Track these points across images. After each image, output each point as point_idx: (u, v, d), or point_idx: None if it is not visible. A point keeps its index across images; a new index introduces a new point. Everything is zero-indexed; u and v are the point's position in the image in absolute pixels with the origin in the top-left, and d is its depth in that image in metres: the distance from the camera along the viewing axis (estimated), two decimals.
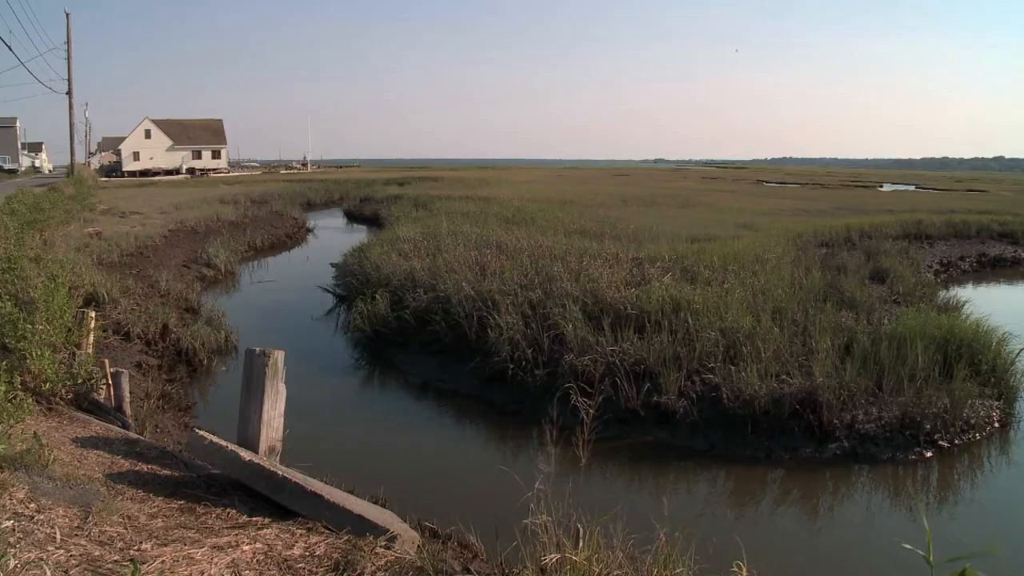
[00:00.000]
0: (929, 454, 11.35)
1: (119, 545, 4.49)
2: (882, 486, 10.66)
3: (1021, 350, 14.03)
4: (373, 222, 40.20)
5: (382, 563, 4.71)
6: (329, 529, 5.23)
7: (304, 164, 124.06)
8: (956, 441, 11.73)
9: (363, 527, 5.22)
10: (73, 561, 4.13)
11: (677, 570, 5.27)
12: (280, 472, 5.68)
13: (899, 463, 11.14)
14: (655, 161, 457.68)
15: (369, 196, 53.33)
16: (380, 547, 4.96)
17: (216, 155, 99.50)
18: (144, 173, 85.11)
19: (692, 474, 10.90)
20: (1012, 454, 11.88)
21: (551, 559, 4.95)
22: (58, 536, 4.40)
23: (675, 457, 11.26)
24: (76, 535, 4.51)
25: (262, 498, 5.66)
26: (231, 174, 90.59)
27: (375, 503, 7.21)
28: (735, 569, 4.74)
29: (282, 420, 6.56)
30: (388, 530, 5.20)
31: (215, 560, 4.46)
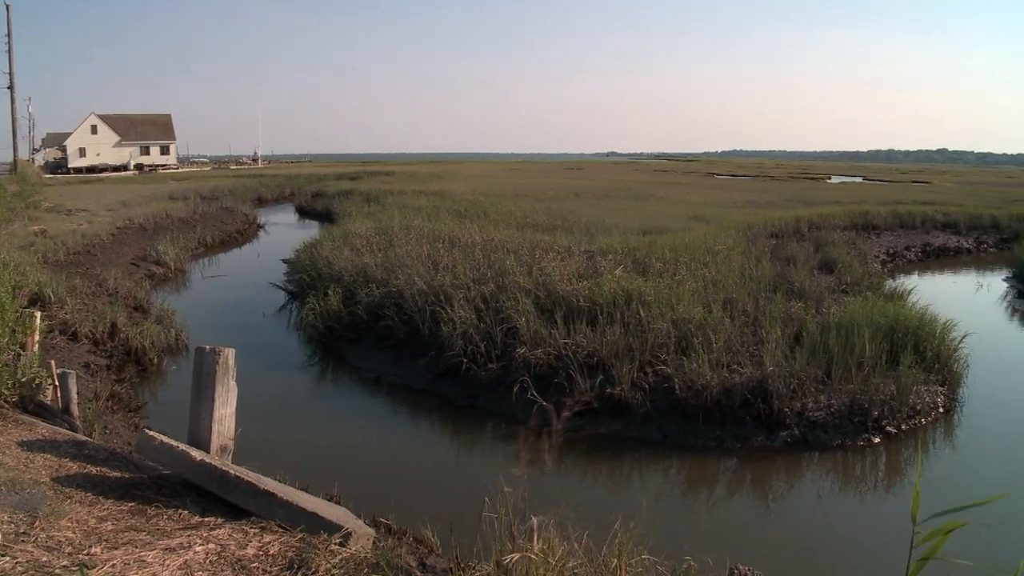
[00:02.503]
0: (877, 440, 11.57)
1: (67, 550, 4.42)
2: (832, 472, 10.84)
3: (964, 337, 14.33)
4: (325, 217, 39.87)
5: (337, 560, 4.69)
6: (283, 528, 5.19)
7: (255, 159, 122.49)
8: (903, 427, 11.98)
9: (317, 525, 5.18)
10: (19, 568, 4.05)
11: (632, 560, 5.30)
12: (232, 471, 5.62)
13: (848, 449, 11.35)
14: (608, 154, 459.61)
15: (321, 191, 52.86)
16: (335, 544, 4.93)
17: (165, 151, 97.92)
18: (91, 170, 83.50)
19: (646, 465, 10.99)
20: (956, 438, 12.15)
21: (506, 554, 4.96)
22: (2, 542, 4.33)
23: (629, 448, 11.34)
24: (22, 541, 4.43)
25: (215, 498, 5.60)
26: (180, 170, 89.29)
27: (329, 500, 7.17)
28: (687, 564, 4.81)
29: (234, 419, 6.49)
30: (342, 527, 5.17)
31: (167, 562, 4.41)
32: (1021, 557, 3.45)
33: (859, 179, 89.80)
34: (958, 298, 23.87)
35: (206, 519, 5.27)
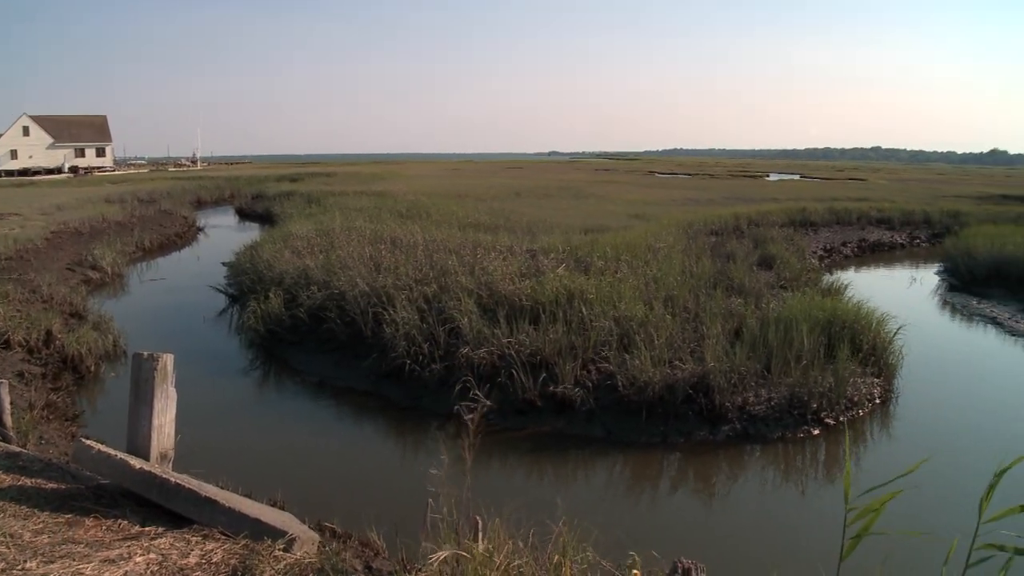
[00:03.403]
0: (816, 431, 11.79)
1: (0, 566, 4.33)
2: (773, 464, 11.01)
3: (898, 329, 14.66)
4: (266, 219, 39.42)
5: (281, 567, 4.65)
6: (226, 535, 5.13)
7: (194, 161, 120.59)
8: (841, 418, 12.20)
9: (261, 531, 5.13)
10: None
11: (577, 557, 5.33)
12: (173, 479, 5.54)
13: (788, 441, 11.54)
14: (549, 154, 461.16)
15: (261, 193, 52.24)
16: (279, 550, 4.89)
17: (100, 153, 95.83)
18: (23, 172, 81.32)
19: (591, 462, 11.04)
20: (892, 427, 12.43)
21: (451, 554, 4.96)
22: None
23: (573, 446, 11.39)
24: None
25: (155, 507, 5.51)
26: (117, 172, 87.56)
27: (273, 506, 7.11)
28: (634, 558, 4.84)
29: (173, 425, 6.40)
30: (287, 533, 5.13)
31: (106, 574, 4.34)
32: (946, 540, 3.56)
33: (797, 177, 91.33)
34: (893, 292, 24.42)
35: (146, 528, 5.19)
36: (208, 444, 10.06)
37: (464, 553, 4.76)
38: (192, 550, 4.86)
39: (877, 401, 13.09)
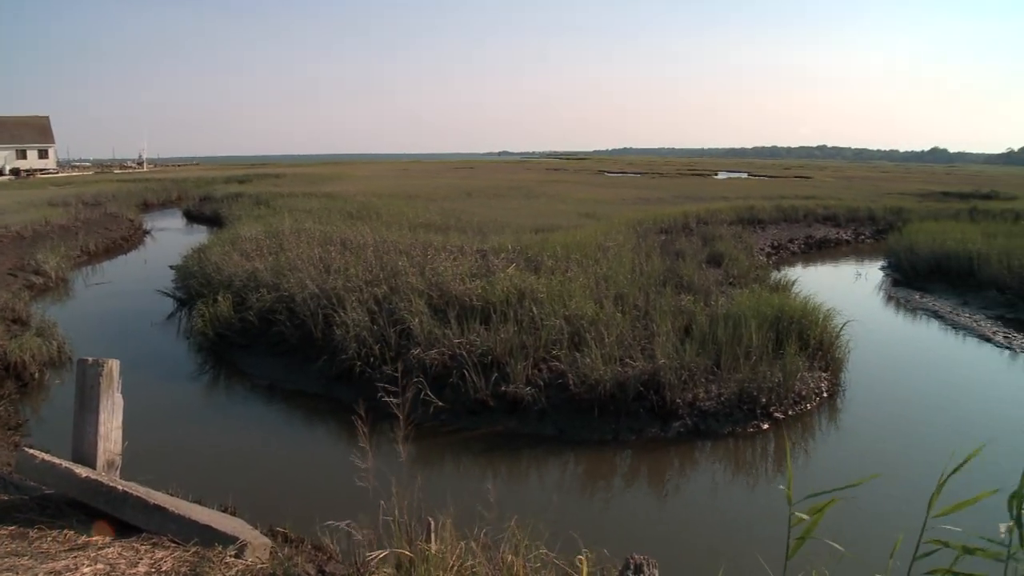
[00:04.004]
0: (766, 426, 11.94)
1: None
2: (724, 459, 11.12)
3: (845, 324, 14.90)
4: (214, 222, 38.90)
5: (232, 573, 4.61)
6: (176, 543, 5.07)
7: (140, 163, 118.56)
8: (790, 412, 12.40)
9: (212, 537, 5.08)
10: None
11: (530, 556, 5.35)
12: (120, 487, 5.46)
13: (739, 436, 11.67)
14: (500, 154, 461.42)
15: (209, 195, 51.53)
16: (230, 556, 4.85)
17: (43, 154, 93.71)
18: None
19: (543, 460, 11.06)
20: (839, 420, 12.64)
21: (404, 557, 4.96)
22: None
23: (526, 445, 11.41)
24: None
25: (103, 516, 5.43)
26: (60, 175, 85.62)
27: (224, 511, 7.04)
28: (582, 556, 4.86)
29: (120, 432, 6.30)
30: (238, 538, 5.09)
31: None
32: (893, 535, 3.63)
33: (744, 175, 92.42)
34: (839, 287, 24.81)
35: (93, 539, 5.11)
36: (157, 450, 9.95)
37: (405, 551, 4.76)
38: (141, 559, 4.79)
39: (824, 395, 13.30)
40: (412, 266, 16.75)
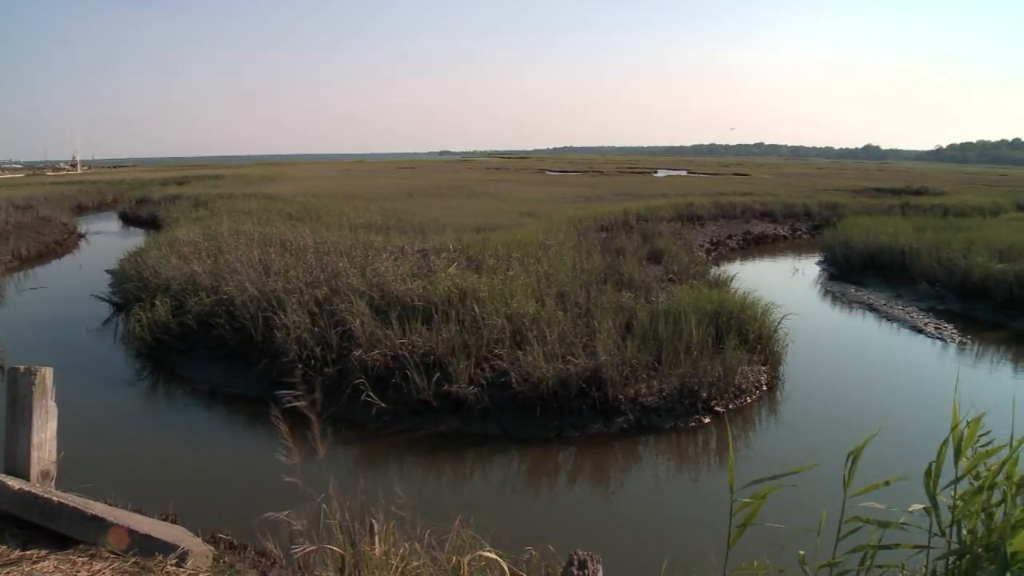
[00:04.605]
0: (707, 420, 12.11)
1: None
2: (667, 454, 11.25)
3: (783, 318, 15.16)
4: (151, 224, 38.21)
5: None
6: (114, 553, 4.99)
7: (74, 165, 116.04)
8: (730, 406, 12.60)
9: (152, 546, 5.02)
10: None
11: (475, 555, 5.36)
12: (55, 498, 5.36)
13: (681, 431, 11.82)
14: (441, 153, 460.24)
15: (146, 197, 50.62)
16: (171, 565, 4.79)
17: None
18: None
19: (488, 459, 11.08)
20: (779, 412, 12.88)
21: (348, 560, 4.94)
22: None
23: (470, 444, 11.41)
24: None
25: (37, 528, 5.31)
26: None
27: (165, 520, 6.95)
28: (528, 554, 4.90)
29: (55, 442, 6.18)
30: (179, 547, 5.03)
31: None
32: (829, 520, 3.73)
33: (683, 172, 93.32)
34: (777, 282, 25.23)
35: (28, 552, 5.00)
36: (94, 460, 9.75)
37: (337, 549, 4.75)
38: (78, 571, 4.71)
39: (764, 388, 13.54)
40: (353, 267, 16.64)
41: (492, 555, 5.23)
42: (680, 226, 32.47)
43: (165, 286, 17.28)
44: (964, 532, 3.45)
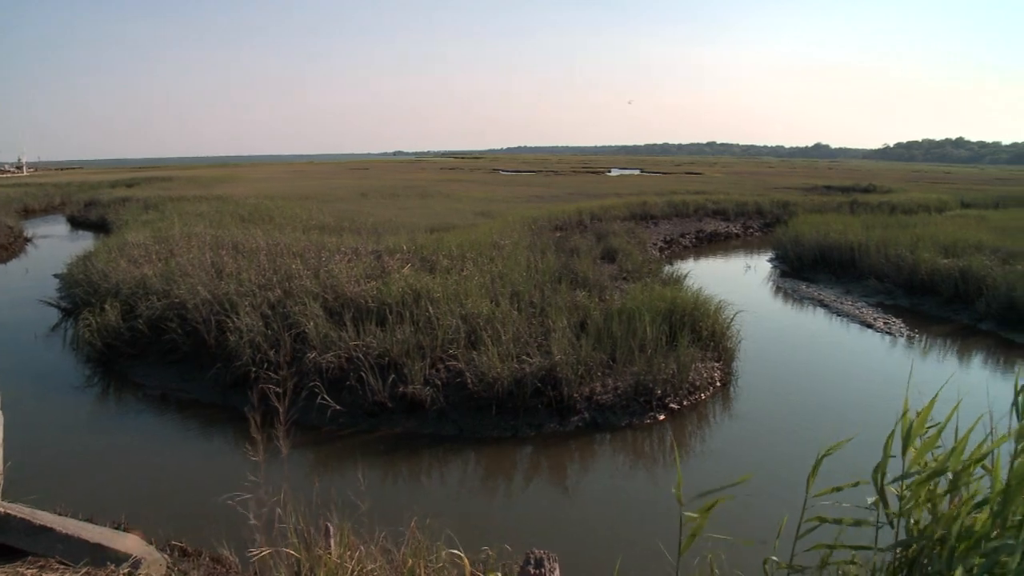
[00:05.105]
0: (662, 417, 12.20)
1: None
2: (622, 451, 11.30)
3: (735, 315, 15.33)
4: (101, 227, 37.66)
5: None
6: (65, 564, 4.92)
7: (19, 167, 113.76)
8: (685, 402, 12.71)
9: (103, 556, 4.96)
10: None
11: (431, 556, 5.37)
12: (2, 509, 5.28)
13: (636, 428, 11.90)
14: (394, 153, 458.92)
15: (95, 200, 49.78)
16: (123, 575, 4.74)
17: None
18: None
19: (444, 460, 11.06)
20: (733, 408, 13.01)
21: (303, 563, 4.92)
22: None
23: (426, 445, 11.39)
24: None
25: None
26: None
27: (117, 528, 6.86)
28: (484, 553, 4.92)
29: (0, 451, 6.08)
30: (131, 555, 4.98)
31: None
32: (780, 516, 3.78)
33: (637, 171, 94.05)
34: (729, 279, 25.50)
35: None
36: (43, 469, 9.59)
37: (292, 552, 4.73)
38: None
39: (718, 384, 13.68)
40: (306, 269, 16.54)
41: (449, 555, 5.24)
42: (634, 225, 32.75)
43: (115, 290, 17.04)
44: (911, 523, 3.52)
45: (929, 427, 3.59)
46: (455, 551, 5.33)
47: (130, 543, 5.47)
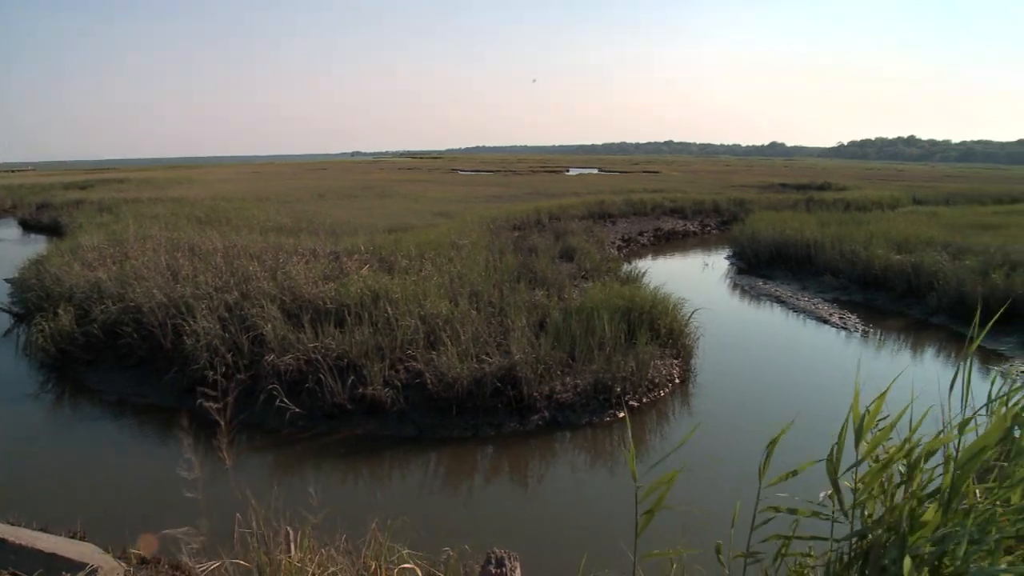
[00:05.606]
0: (622, 414, 12.25)
1: None
2: (583, 449, 11.35)
3: (693, 313, 15.45)
4: (54, 231, 37.08)
5: None
6: (18, 575, 4.86)
7: None
8: (644, 399, 12.81)
9: (58, 566, 4.90)
10: None
11: (393, 558, 5.36)
12: None
13: (596, 426, 11.95)
14: (352, 154, 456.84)
15: (48, 202, 48.96)
16: None
17: None
18: None
19: (405, 461, 11.04)
20: (692, 405, 13.12)
21: (264, 568, 4.89)
22: None
23: (387, 446, 11.36)
24: None
25: None
26: None
27: (73, 537, 6.78)
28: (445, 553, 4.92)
29: None
30: (87, 564, 4.92)
31: None
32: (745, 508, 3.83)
33: (595, 171, 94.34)
34: (687, 277, 25.71)
35: None
36: None
37: (246, 561, 4.71)
38: None
39: (677, 381, 13.79)
40: (264, 271, 16.42)
41: (410, 557, 5.24)
42: (592, 224, 32.89)
43: (68, 295, 16.78)
44: (865, 514, 3.57)
45: (881, 419, 3.65)
46: (416, 552, 5.33)
47: (86, 551, 5.41)
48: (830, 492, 3.66)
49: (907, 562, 2.98)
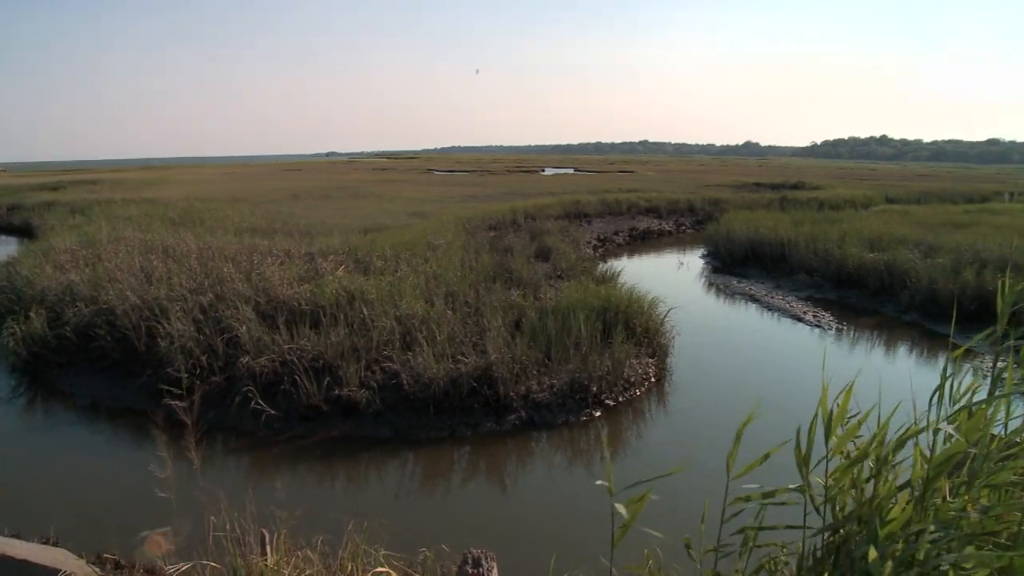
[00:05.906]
0: (598, 413, 12.32)
1: None
2: (559, 448, 11.37)
3: (668, 311, 15.52)
4: (25, 232, 36.67)
5: None
6: None
7: None
8: (620, 398, 12.85)
9: (31, 572, 4.86)
10: None
11: (369, 560, 5.35)
12: None
13: (573, 425, 11.99)
14: (327, 154, 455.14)
15: (18, 204, 48.39)
16: None
17: None
18: None
19: (381, 462, 11.02)
20: (667, 403, 13.18)
21: (240, 571, 4.88)
22: None
23: (363, 447, 11.33)
24: None
25: None
26: None
27: (46, 543, 6.73)
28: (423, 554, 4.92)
29: None
30: (60, 571, 4.88)
31: None
32: (714, 504, 3.86)
33: (570, 170, 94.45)
34: (663, 276, 25.80)
35: None
36: None
37: (218, 564, 4.69)
38: None
39: (653, 380, 13.85)
40: (238, 272, 16.33)
41: (387, 558, 5.24)
42: (567, 224, 32.98)
43: (40, 297, 16.61)
44: (836, 509, 3.61)
45: (852, 415, 3.68)
46: (393, 553, 5.33)
47: (59, 557, 5.37)
48: (800, 485, 3.69)
49: (872, 552, 3.04)
